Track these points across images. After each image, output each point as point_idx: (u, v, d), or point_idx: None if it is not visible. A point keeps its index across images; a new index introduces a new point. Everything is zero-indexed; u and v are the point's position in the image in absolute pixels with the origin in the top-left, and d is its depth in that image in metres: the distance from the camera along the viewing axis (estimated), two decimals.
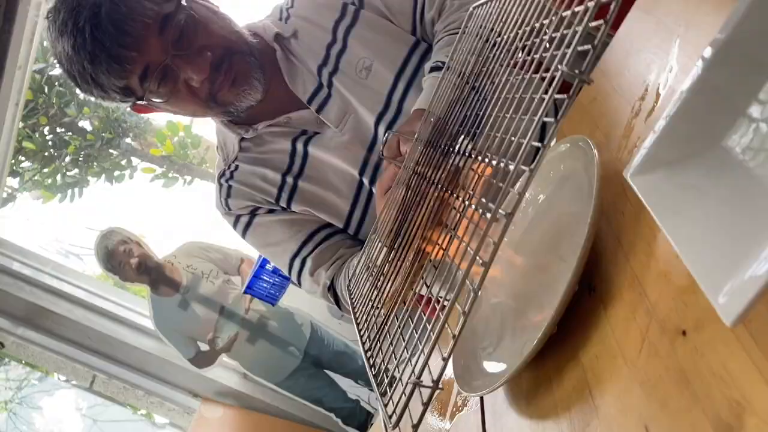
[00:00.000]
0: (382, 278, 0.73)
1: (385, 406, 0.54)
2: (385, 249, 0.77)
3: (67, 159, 4.09)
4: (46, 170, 4.09)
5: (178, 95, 1.03)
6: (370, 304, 0.72)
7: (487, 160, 0.55)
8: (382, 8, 1.09)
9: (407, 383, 0.50)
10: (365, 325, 0.71)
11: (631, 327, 0.45)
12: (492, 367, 0.63)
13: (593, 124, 0.68)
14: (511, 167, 0.48)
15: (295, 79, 1.11)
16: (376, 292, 0.72)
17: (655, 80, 0.60)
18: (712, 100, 0.43)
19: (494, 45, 0.66)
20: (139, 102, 1.03)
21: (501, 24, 0.65)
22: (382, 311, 0.67)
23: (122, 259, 2.96)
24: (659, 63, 0.60)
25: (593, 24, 0.45)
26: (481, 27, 0.74)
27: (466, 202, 0.55)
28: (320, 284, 1.15)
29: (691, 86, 0.43)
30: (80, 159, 4.15)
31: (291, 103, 1.12)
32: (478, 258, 0.48)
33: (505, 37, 0.63)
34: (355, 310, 0.78)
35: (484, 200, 0.52)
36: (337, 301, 1.17)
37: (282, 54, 1.11)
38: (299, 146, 1.13)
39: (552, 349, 0.53)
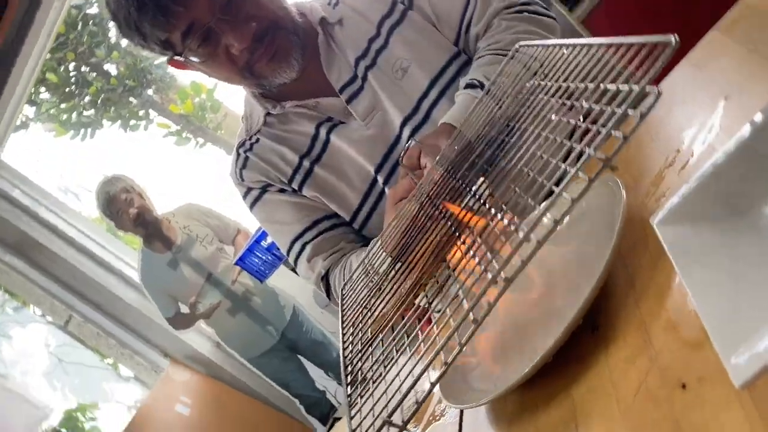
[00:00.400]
0: (377, 294, 0.73)
1: (351, 418, 0.55)
2: (389, 260, 0.78)
3: (87, 99, 4.09)
4: (63, 105, 4.09)
5: (215, 59, 1.03)
6: (360, 317, 0.73)
7: (499, 215, 0.55)
8: (430, 13, 1.10)
9: (377, 417, 0.51)
10: (350, 332, 0.72)
11: (630, 370, 0.45)
12: (479, 382, 0.63)
13: (624, 166, 0.69)
14: (521, 235, 0.48)
15: (331, 65, 1.11)
16: (366, 311, 0.72)
17: (694, 136, 0.60)
18: (753, 166, 0.43)
19: (533, 91, 0.67)
20: (176, 57, 1.04)
21: (543, 72, 0.66)
22: (369, 331, 0.67)
23: (122, 207, 2.96)
24: (701, 119, 0.61)
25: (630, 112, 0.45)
26: (525, 67, 0.74)
27: (471, 251, 0.56)
28: (315, 272, 1.16)
29: (736, 148, 0.43)
30: (99, 101, 4.15)
31: (323, 88, 1.12)
32: (470, 314, 0.49)
33: (547, 85, 0.63)
34: (344, 315, 0.79)
35: (489, 255, 0.52)
36: (328, 292, 1.18)
37: (324, 38, 1.11)
38: (322, 132, 1.13)
39: (544, 377, 0.54)
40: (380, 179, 1.11)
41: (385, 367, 0.59)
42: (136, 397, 4.12)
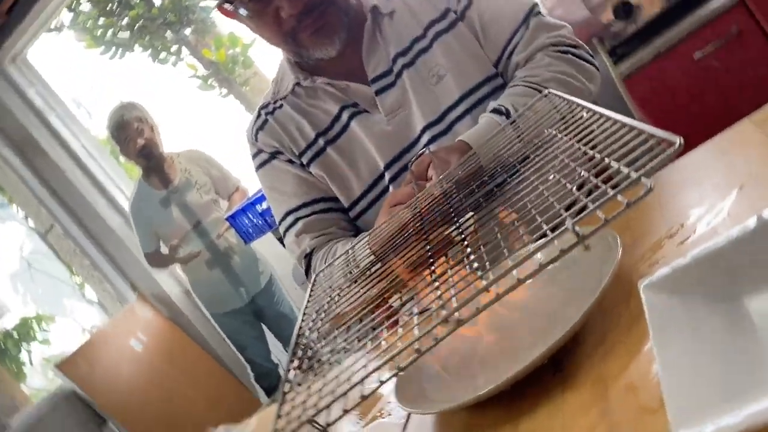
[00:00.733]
0: (351, 286, 0.75)
1: (281, 405, 0.57)
2: (371, 257, 0.79)
3: (125, 21, 4.08)
4: (101, 21, 4.08)
5: (263, 17, 1.04)
6: (327, 305, 0.74)
7: (471, 258, 0.57)
8: (479, 29, 1.10)
9: (301, 415, 0.53)
10: (312, 317, 0.73)
11: (581, 419, 0.46)
12: (434, 392, 0.65)
13: (626, 224, 0.70)
14: (483, 284, 0.51)
15: (371, 54, 1.12)
16: (334, 300, 0.74)
17: (701, 215, 0.61)
18: (749, 258, 0.44)
19: (546, 141, 0.69)
20: (226, 4, 1.04)
21: (563, 124, 0.68)
22: (326, 325, 0.69)
23: (131, 135, 2.96)
24: (712, 201, 0.62)
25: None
26: (548, 113, 0.76)
27: (436, 283, 0.58)
28: (300, 248, 1.17)
29: (737, 237, 0.44)
30: (136, 27, 4.14)
31: (357, 73, 1.13)
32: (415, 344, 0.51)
33: (561, 139, 0.65)
34: (311, 298, 0.80)
35: (453, 291, 0.54)
36: (308, 270, 1.18)
37: (371, 26, 1.12)
38: (345, 116, 1.13)
39: (497, 404, 0.55)
40: (387, 176, 1.12)
41: (335, 359, 0.61)
42: (94, 321, 4.13)
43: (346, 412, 0.52)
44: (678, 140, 0.45)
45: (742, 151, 0.69)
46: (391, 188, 1.12)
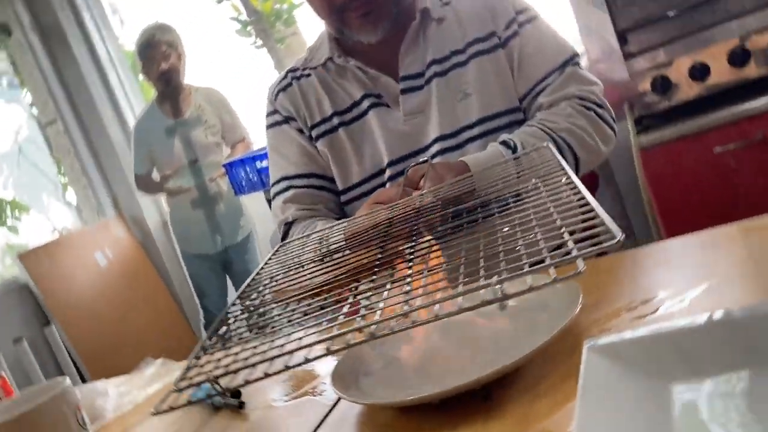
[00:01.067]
0: (315, 264, 0.77)
1: (196, 357, 0.61)
2: (342, 243, 0.82)
3: None
4: None
5: None
6: (282, 275, 0.78)
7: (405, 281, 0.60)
8: (515, 61, 1.12)
9: (211, 371, 0.57)
10: (261, 283, 0.76)
11: None
12: (368, 385, 0.67)
13: (595, 285, 0.72)
14: (405, 308, 0.54)
15: (408, 52, 1.13)
16: (289, 280, 0.76)
17: (665, 298, 0.63)
18: (691, 349, 0.46)
19: (528, 191, 0.71)
20: None
21: (547, 180, 0.71)
22: (273, 295, 0.71)
23: (157, 56, 2.96)
24: (679, 288, 0.64)
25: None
26: (536, 166, 0.79)
27: (368, 293, 0.62)
28: (284, 215, 1.19)
29: (685, 327, 0.46)
30: None
31: (390, 66, 1.14)
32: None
33: (541, 192, 0.68)
34: (267, 264, 0.83)
35: (384, 306, 0.57)
36: (284, 238, 1.20)
37: (417, 26, 1.13)
38: (365, 103, 1.15)
39: (423, 412, 0.57)
40: (388, 173, 1.13)
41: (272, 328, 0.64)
42: (67, 224, 4.11)
43: (267, 375, 0.54)
44: (619, 236, 0.49)
45: (722, 251, 0.71)
46: (388, 185, 1.13)
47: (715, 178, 1.92)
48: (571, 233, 0.53)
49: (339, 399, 0.69)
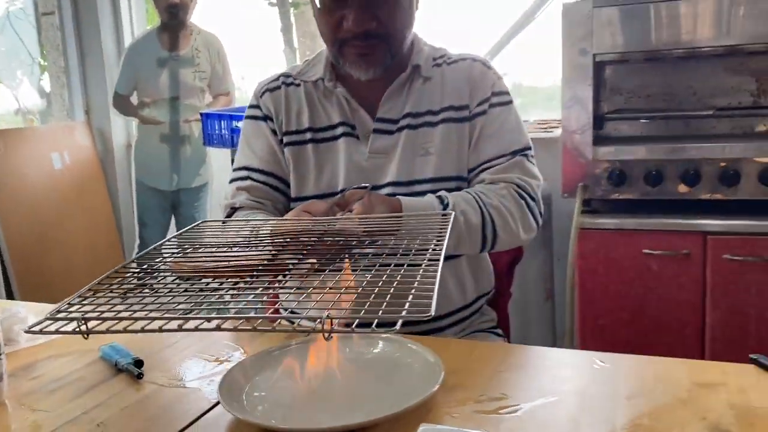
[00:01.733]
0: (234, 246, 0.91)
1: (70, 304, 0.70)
2: (269, 240, 0.94)
3: None
4: None
5: (329, 14, 1.15)
6: (192, 249, 0.91)
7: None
8: (475, 137, 1.23)
9: (86, 313, 0.66)
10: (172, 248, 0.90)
11: None
12: (253, 397, 0.77)
13: (464, 367, 0.84)
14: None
15: (390, 99, 1.23)
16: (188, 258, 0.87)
17: (508, 401, 0.75)
18: None
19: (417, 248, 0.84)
20: None
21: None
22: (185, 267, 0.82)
23: None
24: (526, 396, 0.76)
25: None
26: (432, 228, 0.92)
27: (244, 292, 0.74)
28: (233, 199, 1.27)
29: None
30: None
31: (370, 104, 1.24)
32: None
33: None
34: (182, 234, 0.97)
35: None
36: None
37: (404, 78, 1.23)
38: (340, 129, 1.25)
39: None
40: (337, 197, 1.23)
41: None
42: (33, 106, 4.05)
43: (143, 330, 0.63)
44: (431, 312, 0.59)
45: (587, 375, 0.83)
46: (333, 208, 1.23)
47: (636, 275, 2.06)
48: (402, 297, 0.64)
49: (218, 404, 0.77)
